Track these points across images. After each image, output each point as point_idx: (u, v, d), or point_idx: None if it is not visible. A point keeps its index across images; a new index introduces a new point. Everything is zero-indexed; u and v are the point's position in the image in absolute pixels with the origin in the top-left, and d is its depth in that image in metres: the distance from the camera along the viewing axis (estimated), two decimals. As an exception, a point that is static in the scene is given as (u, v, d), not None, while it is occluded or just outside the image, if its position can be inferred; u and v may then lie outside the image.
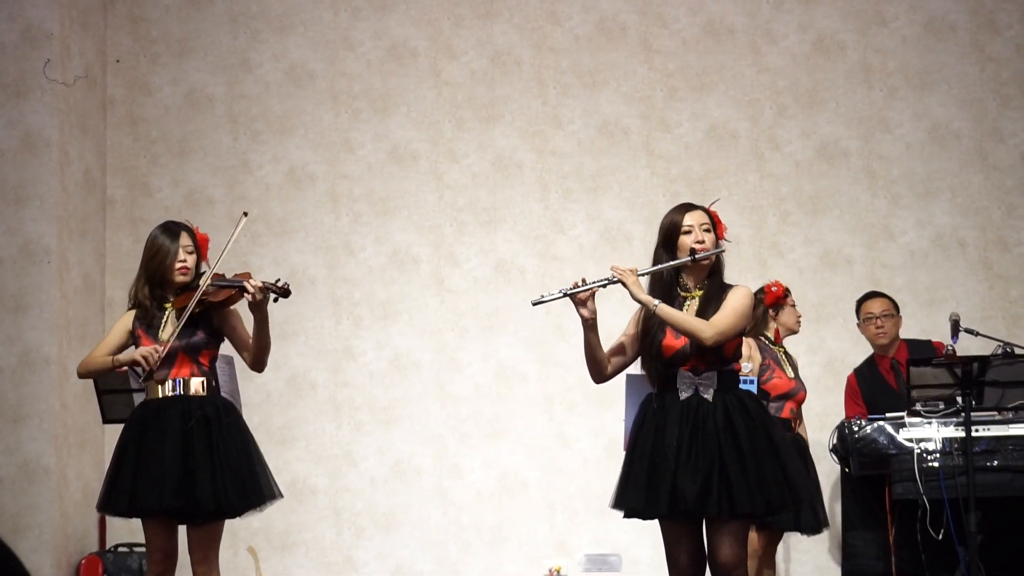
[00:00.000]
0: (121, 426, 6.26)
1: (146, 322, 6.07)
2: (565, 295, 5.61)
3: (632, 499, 5.59)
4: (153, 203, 9.60)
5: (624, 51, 9.59)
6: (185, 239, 6.10)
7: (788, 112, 9.49)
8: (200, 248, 6.18)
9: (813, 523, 7.66)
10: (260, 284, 5.93)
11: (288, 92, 9.67)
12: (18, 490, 8.71)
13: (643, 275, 5.63)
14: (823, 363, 9.22)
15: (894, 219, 9.39)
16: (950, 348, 7.62)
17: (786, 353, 7.87)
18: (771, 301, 7.84)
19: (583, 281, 5.62)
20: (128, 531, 8.95)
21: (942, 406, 7.49)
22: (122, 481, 5.99)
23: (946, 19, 9.49)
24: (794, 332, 7.98)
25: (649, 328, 5.65)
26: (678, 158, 9.50)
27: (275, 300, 6.05)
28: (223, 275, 6.08)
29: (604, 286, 5.62)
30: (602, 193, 9.50)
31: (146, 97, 9.70)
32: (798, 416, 7.83)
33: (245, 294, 5.95)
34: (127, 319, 6.13)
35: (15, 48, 8.94)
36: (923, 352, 8.06)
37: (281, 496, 6.16)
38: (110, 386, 7.53)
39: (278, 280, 6.02)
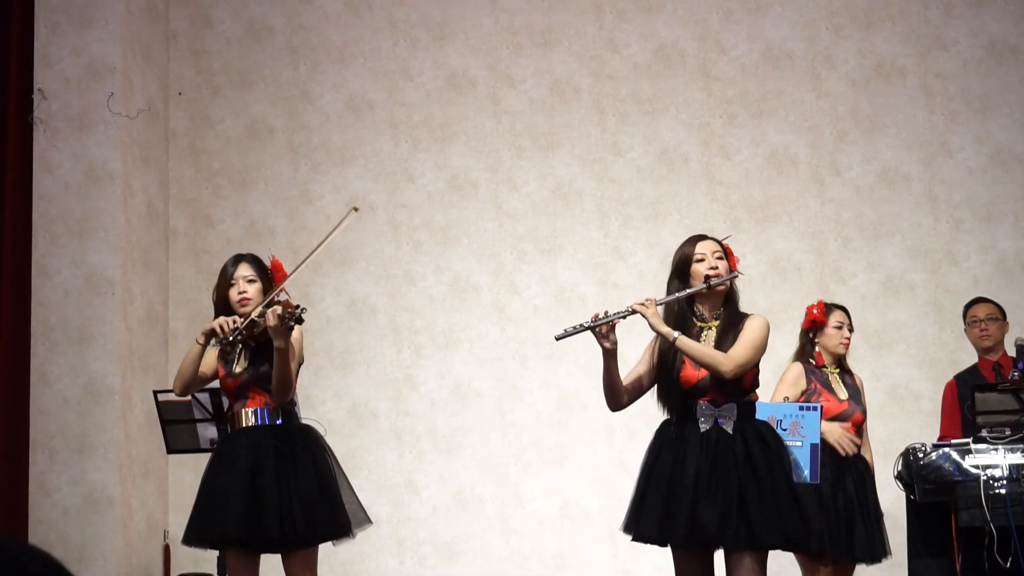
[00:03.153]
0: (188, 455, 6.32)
1: (223, 355, 6.11)
2: (586, 328, 5.69)
3: (646, 525, 5.67)
4: (215, 234, 9.67)
5: (683, 78, 9.59)
6: (244, 269, 6.11)
7: (848, 137, 9.46)
8: (272, 275, 6.17)
9: (870, 551, 7.56)
10: (279, 311, 5.81)
11: (348, 122, 9.72)
12: (83, 520, 8.76)
13: (659, 304, 5.71)
14: (886, 389, 9.15)
15: (957, 244, 9.33)
16: (1015, 374, 7.54)
17: (842, 373, 7.67)
18: (807, 325, 7.59)
19: (605, 314, 5.69)
20: (192, 561, 8.98)
21: (1008, 432, 7.42)
22: (197, 513, 6.06)
23: (1007, 42, 9.44)
24: (838, 354, 7.59)
25: (666, 358, 5.73)
26: (738, 185, 9.48)
27: (290, 327, 5.90)
28: (279, 303, 6.06)
29: (624, 317, 5.69)
30: (662, 220, 9.49)
31: (208, 129, 9.78)
32: (858, 438, 7.72)
33: (264, 320, 5.85)
34: (213, 352, 6.14)
35: (79, 82, 9.04)
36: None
37: (369, 522, 6.19)
38: (174, 416, 7.58)
39: (297, 306, 5.86)
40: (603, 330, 5.66)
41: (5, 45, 9.07)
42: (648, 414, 6.71)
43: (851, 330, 7.71)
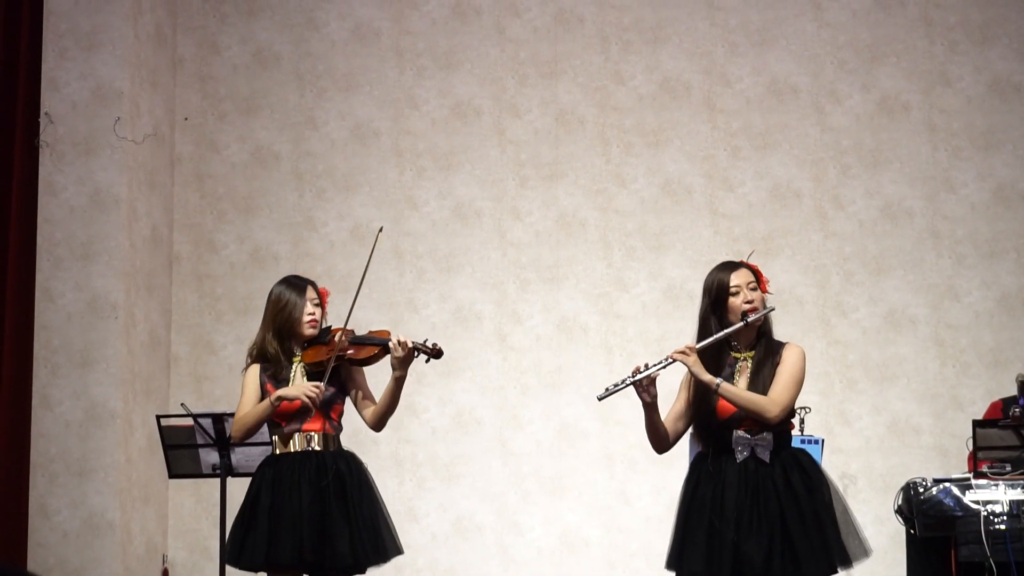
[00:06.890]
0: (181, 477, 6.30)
1: (273, 376, 6.13)
2: (628, 384, 5.64)
3: (692, 562, 5.58)
4: (219, 259, 9.69)
5: (688, 110, 9.62)
6: (311, 293, 6.22)
7: (852, 172, 9.48)
8: (323, 302, 6.28)
9: None
10: (408, 341, 6.05)
11: (353, 150, 9.75)
12: (83, 544, 8.76)
13: (698, 348, 5.64)
14: (887, 423, 9.15)
15: (959, 279, 9.34)
16: (1016, 411, 7.54)
17: None
18: None
19: (645, 366, 5.65)
20: (191, 585, 8.99)
21: (1009, 468, 7.43)
22: (262, 535, 6.01)
23: (1011, 80, 9.47)
24: None
25: (701, 392, 5.68)
26: (741, 217, 9.50)
27: (427, 361, 6.17)
28: (353, 332, 6.18)
29: (664, 367, 5.64)
30: (665, 251, 9.51)
31: (213, 154, 9.81)
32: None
33: (390, 351, 6.04)
34: (255, 373, 6.17)
35: (86, 106, 9.07)
36: None
37: (400, 552, 6.20)
38: (177, 441, 7.58)
39: (426, 340, 6.13)
40: (644, 383, 5.64)
41: (13, 68, 9.10)
42: (648, 445, 6.70)
43: None
